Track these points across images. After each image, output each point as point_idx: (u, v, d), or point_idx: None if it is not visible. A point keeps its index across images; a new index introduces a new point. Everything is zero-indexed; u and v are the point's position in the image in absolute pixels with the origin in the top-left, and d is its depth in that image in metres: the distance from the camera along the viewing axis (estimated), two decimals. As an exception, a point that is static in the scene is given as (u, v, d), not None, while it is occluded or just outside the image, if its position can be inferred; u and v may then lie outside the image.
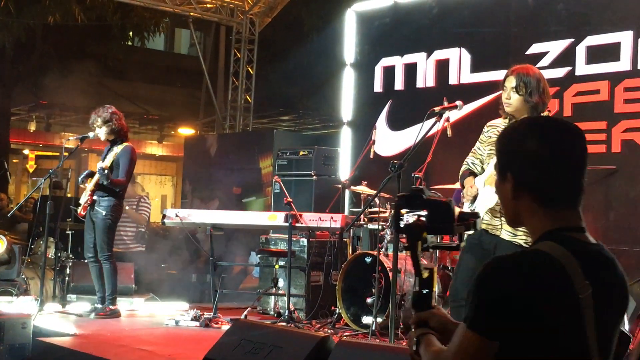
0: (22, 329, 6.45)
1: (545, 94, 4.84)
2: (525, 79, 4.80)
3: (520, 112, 4.85)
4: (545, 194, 1.98)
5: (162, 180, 27.58)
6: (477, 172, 5.04)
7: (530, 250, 1.91)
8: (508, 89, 4.86)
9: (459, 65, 8.65)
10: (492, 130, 5.02)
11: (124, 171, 7.44)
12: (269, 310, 8.07)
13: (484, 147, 5.02)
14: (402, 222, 2.05)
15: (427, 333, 1.99)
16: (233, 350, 4.03)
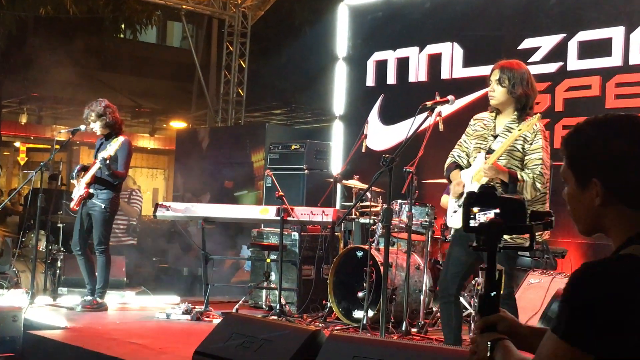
0: (12, 321, 6.43)
1: (531, 88, 4.86)
2: (508, 72, 4.85)
3: (504, 105, 4.88)
4: (635, 195, 1.84)
5: (153, 174, 27.52)
6: (463, 165, 5.06)
7: (625, 256, 1.77)
8: (492, 82, 4.90)
9: (451, 60, 8.66)
10: (479, 124, 5.04)
11: (123, 164, 7.43)
12: (260, 304, 8.08)
13: (471, 140, 5.04)
14: (473, 222, 1.94)
15: (502, 338, 1.88)
16: (224, 344, 4.03)
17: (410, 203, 6.62)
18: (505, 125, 4.87)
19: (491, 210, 1.92)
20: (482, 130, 4.98)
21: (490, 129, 4.94)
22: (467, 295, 6.98)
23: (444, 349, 3.85)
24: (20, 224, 10.80)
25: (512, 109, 4.87)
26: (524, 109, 4.83)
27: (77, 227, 7.53)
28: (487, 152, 4.84)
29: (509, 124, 4.85)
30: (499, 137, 4.86)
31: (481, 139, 4.95)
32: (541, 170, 4.69)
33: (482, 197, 1.95)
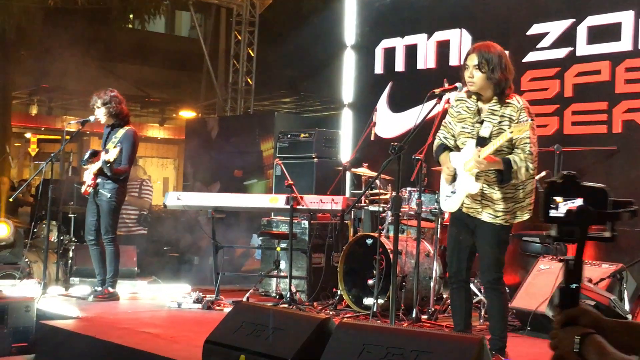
0: (25, 312, 6.50)
1: (508, 70, 4.87)
2: (487, 55, 4.83)
3: (484, 90, 4.89)
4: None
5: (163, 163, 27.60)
6: (450, 146, 5.08)
7: None
8: (470, 67, 4.88)
9: (460, 46, 8.63)
10: (461, 106, 5.04)
11: (125, 158, 7.43)
12: (270, 292, 8.11)
13: (455, 122, 5.06)
14: (555, 212, 1.81)
15: (591, 333, 1.72)
16: (234, 332, 4.05)
17: (420, 190, 6.62)
18: (489, 108, 4.87)
19: (575, 199, 1.82)
20: (466, 114, 4.98)
21: (474, 112, 4.94)
22: (477, 282, 7.00)
23: (455, 336, 3.86)
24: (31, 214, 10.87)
25: (492, 92, 4.87)
26: (502, 92, 4.83)
27: (89, 218, 7.56)
28: (477, 142, 4.84)
29: (492, 106, 4.86)
30: (485, 122, 4.86)
31: (467, 123, 4.96)
32: (530, 148, 4.72)
33: (565, 187, 1.84)
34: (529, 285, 6.48)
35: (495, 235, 4.86)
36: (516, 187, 4.85)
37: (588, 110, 7.44)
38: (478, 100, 4.94)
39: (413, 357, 3.40)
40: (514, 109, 4.76)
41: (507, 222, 4.86)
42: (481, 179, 4.87)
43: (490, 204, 4.85)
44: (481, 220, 4.87)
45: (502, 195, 4.83)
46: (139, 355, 5.18)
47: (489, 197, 4.86)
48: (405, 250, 6.89)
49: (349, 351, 3.55)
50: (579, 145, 7.24)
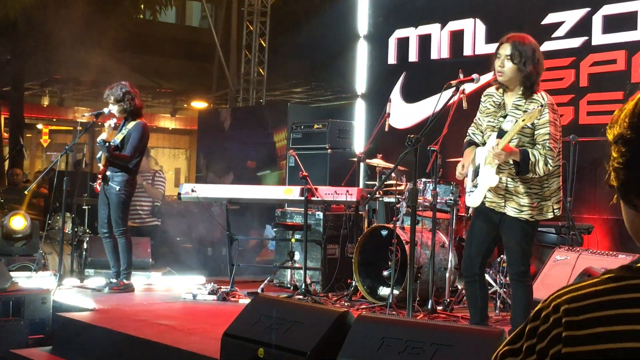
0: (41, 304, 6.54)
1: (540, 65, 4.80)
2: (520, 47, 4.77)
3: (513, 82, 4.83)
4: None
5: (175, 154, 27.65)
6: (478, 142, 5.06)
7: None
8: (502, 57, 4.82)
9: (474, 36, 8.59)
10: (489, 100, 5.01)
11: (131, 147, 7.41)
12: (285, 284, 8.12)
13: (483, 117, 5.03)
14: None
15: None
16: (253, 326, 4.05)
17: (435, 181, 6.60)
18: (513, 103, 4.83)
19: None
20: (492, 108, 4.96)
21: (499, 106, 4.91)
22: (492, 273, 6.98)
23: (473, 329, 3.85)
24: (45, 206, 10.90)
25: (520, 85, 4.82)
26: (532, 86, 4.78)
27: (101, 211, 7.57)
28: (498, 134, 4.81)
29: (517, 101, 4.82)
30: (508, 117, 4.83)
31: (492, 117, 4.94)
32: (550, 144, 4.67)
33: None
34: (545, 276, 6.46)
35: (521, 229, 4.82)
36: (541, 184, 4.80)
37: (604, 100, 7.40)
38: (504, 93, 4.91)
39: (433, 350, 3.39)
40: (538, 105, 4.71)
41: (532, 217, 4.81)
42: (505, 172, 4.83)
43: (514, 197, 4.81)
44: (507, 215, 4.84)
45: (526, 190, 4.79)
46: (156, 348, 5.19)
47: (514, 190, 4.82)
48: (421, 241, 6.88)
49: (368, 345, 3.55)
50: (595, 135, 7.20)
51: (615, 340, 1.05)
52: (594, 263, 6.02)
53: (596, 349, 1.06)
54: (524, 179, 4.78)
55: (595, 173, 7.25)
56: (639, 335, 1.04)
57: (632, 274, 1.10)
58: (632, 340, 1.04)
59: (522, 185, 4.80)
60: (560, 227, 6.97)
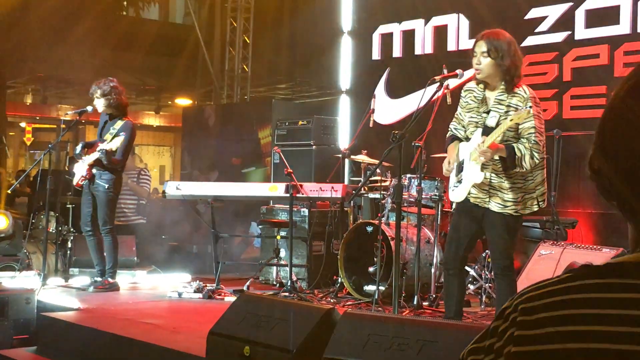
0: (26, 304, 6.49)
1: (517, 58, 4.82)
2: (495, 42, 4.78)
3: (492, 78, 4.85)
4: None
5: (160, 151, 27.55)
6: (461, 137, 5.06)
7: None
8: (478, 54, 4.84)
9: (457, 31, 8.60)
10: (469, 96, 5.02)
11: (122, 150, 7.38)
12: (271, 281, 8.10)
13: (465, 112, 5.04)
14: None
15: None
16: (238, 323, 4.04)
17: (420, 177, 6.61)
18: (496, 98, 4.84)
19: None
20: (473, 104, 4.97)
21: (481, 101, 4.92)
22: (477, 268, 7.00)
23: (460, 325, 3.86)
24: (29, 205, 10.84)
25: (500, 80, 4.83)
26: (512, 79, 4.79)
27: (85, 209, 7.53)
28: (483, 131, 4.82)
29: (499, 96, 4.83)
30: (491, 112, 4.84)
31: (474, 113, 4.95)
32: (535, 138, 4.69)
33: None
34: (530, 271, 6.48)
35: (505, 224, 4.83)
36: (525, 177, 4.82)
37: (587, 95, 7.42)
38: (485, 89, 4.91)
39: (418, 347, 3.40)
40: (521, 99, 4.73)
41: (517, 212, 4.83)
42: (489, 168, 4.84)
43: (498, 193, 4.82)
44: (490, 210, 4.85)
45: (511, 185, 4.80)
46: (142, 347, 5.18)
47: (497, 186, 4.83)
48: (406, 237, 6.88)
49: (354, 342, 3.55)
50: (578, 129, 7.22)
51: (561, 341, 1.04)
52: (579, 257, 6.05)
53: (542, 349, 1.05)
54: (509, 174, 4.79)
55: (579, 167, 7.28)
56: (584, 337, 1.03)
57: (588, 274, 1.09)
58: (578, 342, 1.03)
59: (507, 180, 4.81)
60: (544, 221, 6.99)
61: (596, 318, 1.04)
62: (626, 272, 1.07)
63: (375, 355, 3.46)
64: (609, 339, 1.02)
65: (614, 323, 1.03)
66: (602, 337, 1.02)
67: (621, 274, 1.07)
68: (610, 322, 1.03)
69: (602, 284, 1.06)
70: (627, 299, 1.04)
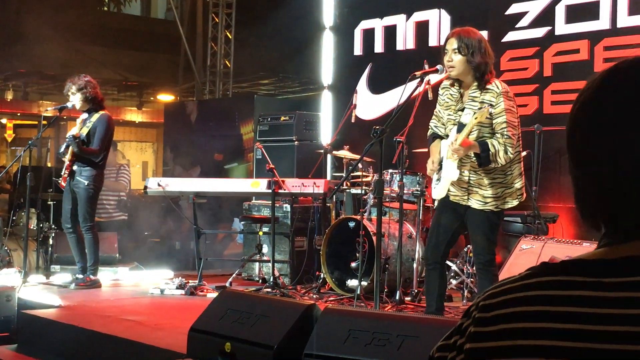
0: (6, 301, 6.44)
1: (487, 55, 4.86)
2: (466, 40, 4.83)
3: (464, 75, 4.89)
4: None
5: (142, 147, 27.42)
6: (442, 135, 5.09)
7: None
8: (449, 52, 4.88)
9: (439, 26, 8.61)
10: (446, 93, 5.06)
11: (98, 140, 7.34)
12: (253, 277, 8.10)
13: (443, 110, 5.08)
14: None
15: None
16: (219, 320, 4.04)
17: (401, 172, 6.62)
18: (470, 95, 4.88)
19: None
20: (450, 102, 5.01)
21: (457, 99, 4.96)
22: (459, 263, 7.03)
23: (439, 320, 3.87)
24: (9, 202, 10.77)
25: (472, 77, 4.86)
26: (482, 76, 4.83)
27: (65, 205, 7.49)
28: (458, 128, 4.86)
29: (473, 93, 4.87)
30: (466, 109, 4.88)
31: (451, 111, 4.99)
32: (508, 132, 4.72)
33: None
34: (511, 265, 6.51)
35: (486, 220, 4.87)
36: (504, 172, 4.85)
37: (567, 90, 7.45)
38: (460, 87, 4.95)
39: (399, 342, 3.41)
40: (493, 94, 4.77)
41: (497, 207, 4.87)
42: (467, 165, 4.87)
43: (478, 190, 4.86)
44: (471, 207, 4.88)
45: (490, 181, 4.83)
46: (123, 344, 5.16)
47: (476, 183, 4.86)
48: (388, 232, 6.90)
49: (335, 337, 3.56)
50: (559, 124, 7.24)
51: (513, 338, 1.05)
52: (559, 251, 6.08)
53: (495, 346, 1.06)
54: (487, 170, 4.82)
55: (560, 162, 7.32)
56: (535, 334, 1.03)
57: (545, 271, 1.10)
58: (529, 339, 1.04)
59: (486, 176, 4.84)
60: (525, 216, 7.02)
61: (548, 315, 1.04)
62: (582, 270, 1.08)
63: (356, 350, 3.47)
64: (559, 336, 1.03)
65: (565, 320, 1.03)
66: (553, 334, 1.03)
67: (578, 271, 1.08)
68: (561, 319, 1.03)
69: (557, 282, 1.07)
70: (580, 297, 1.04)
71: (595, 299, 1.03)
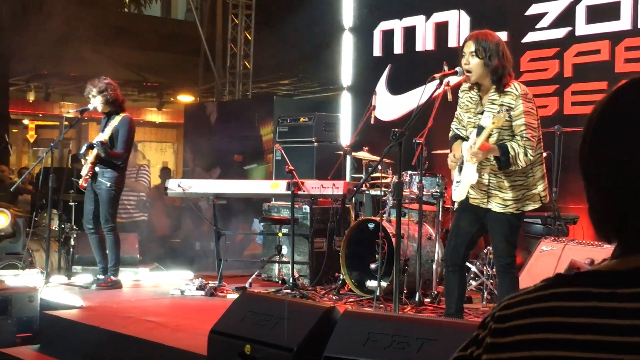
0: (29, 302, 6.51)
1: (506, 58, 4.84)
2: (483, 43, 4.81)
3: (482, 78, 4.87)
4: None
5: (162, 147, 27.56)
6: (463, 136, 5.09)
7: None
8: (467, 55, 4.87)
9: (458, 27, 8.59)
10: (466, 96, 5.06)
11: (122, 143, 7.41)
12: (273, 277, 8.12)
13: (463, 113, 5.07)
14: None
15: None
16: (239, 322, 4.06)
17: (421, 174, 6.62)
18: (489, 98, 4.87)
19: None
20: (470, 104, 5.00)
21: (476, 102, 4.95)
22: (479, 264, 7.01)
23: (459, 323, 3.87)
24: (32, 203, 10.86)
25: (490, 80, 4.85)
26: (500, 80, 4.81)
27: (87, 207, 7.56)
28: (477, 131, 4.85)
29: (492, 96, 4.86)
30: (485, 113, 4.87)
31: (471, 114, 4.98)
32: (527, 134, 4.71)
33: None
34: (531, 267, 6.49)
35: (506, 223, 4.86)
36: (526, 174, 4.84)
37: (588, 90, 7.42)
38: (479, 91, 4.94)
39: (418, 345, 3.41)
40: (512, 97, 4.76)
41: (518, 210, 4.85)
42: (487, 168, 4.87)
43: (498, 192, 4.84)
44: (491, 210, 4.87)
45: (511, 183, 4.82)
46: (144, 345, 5.20)
47: (497, 186, 4.85)
48: (407, 233, 6.90)
49: (354, 340, 3.56)
50: (580, 125, 7.15)
51: (529, 349, 1.06)
52: (580, 253, 6.05)
53: (512, 357, 1.08)
54: (507, 173, 4.81)
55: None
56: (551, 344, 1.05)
57: (559, 282, 1.11)
58: (544, 349, 1.05)
59: (506, 179, 4.83)
60: (546, 217, 7.00)
61: (563, 326, 1.06)
62: (596, 281, 1.09)
63: (375, 353, 3.48)
64: (575, 347, 1.04)
65: (580, 331, 1.05)
66: (568, 345, 1.05)
67: (592, 282, 1.09)
68: (576, 330, 1.05)
69: (572, 293, 1.09)
70: (595, 307, 1.06)
71: (610, 310, 1.05)
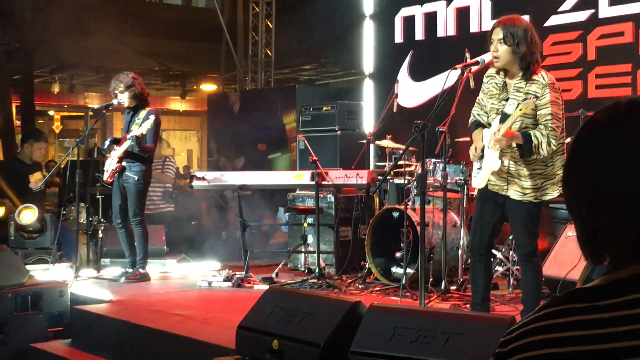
0: (59, 297, 6.62)
1: (534, 45, 4.79)
2: (511, 29, 4.77)
3: (510, 65, 4.84)
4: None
5: (187, 136, 27.72)
6: (484, 123, 5.06)
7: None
8: (495, 41, 4.83)
9: (480, 12, 8.54)
10: (491, 82, 5.02)
11: (151, 136, 7.48)
12: (299, 267, 8.17)
13: (487, 98, 5.04)
14: None
15: None
16: (267, 317, 4.11)
17: (444, 162, 6.62)
18: (514, 86, 4.84)
19: None
20: (495, 90, 4.97)
21: (501, 88, 4.92)
22: (504, 250, 7.01)
23: (486, 316, 3.89)
24: (59, 196, 10.97)
25: (518, 67, 4.82)
26: (528, 67, 4.78)
27: (115, 201, 7.64)
28: (501, 118, 4.83)
29: (518, 83, 4.82)
30: (510, 100, 4.84)
31: (495, 100, 4.95)
32: (552, 124, 4.68)
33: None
34: (558, 253, 6.48)
35: (526, 211, 4.84)
36: (545, 163, 4.81)
37: (612, 73, 7.36)
38: (505, 77, 4.91)
39: (444, 339, 3.44)
40: (539, 86, 4.72)
41: (536, 198, 4.83)
42: (507, 156, 4.85)
43: (517, 180, 4.83)
44: (510, 198, 4.86)
45: (530, 172, 4.81)
46: (173, 339, 5.26)
47: (516, 173, 4.84)
48: (432, 221, 6.91)
49: (381, 335, 3.59)
50: (604, 109, 7.15)
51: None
52: (606, 239, 6.02)
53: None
54: (528, 161, 4.80)
55: (605, 147, 7.22)
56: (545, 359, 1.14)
57: (553, 303, 1.20)
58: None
59: (526, 167, 4.81)
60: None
61: (554, 342, 1.14)
62: (581, 297, 1.18)
63: (402, 348, 3.51)
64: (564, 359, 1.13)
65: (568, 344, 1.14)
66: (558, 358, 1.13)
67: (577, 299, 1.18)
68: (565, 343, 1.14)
69: (561, 310, 1.18)
70: (580, 321, 1.15)
71: (592, 322, 1.14)
